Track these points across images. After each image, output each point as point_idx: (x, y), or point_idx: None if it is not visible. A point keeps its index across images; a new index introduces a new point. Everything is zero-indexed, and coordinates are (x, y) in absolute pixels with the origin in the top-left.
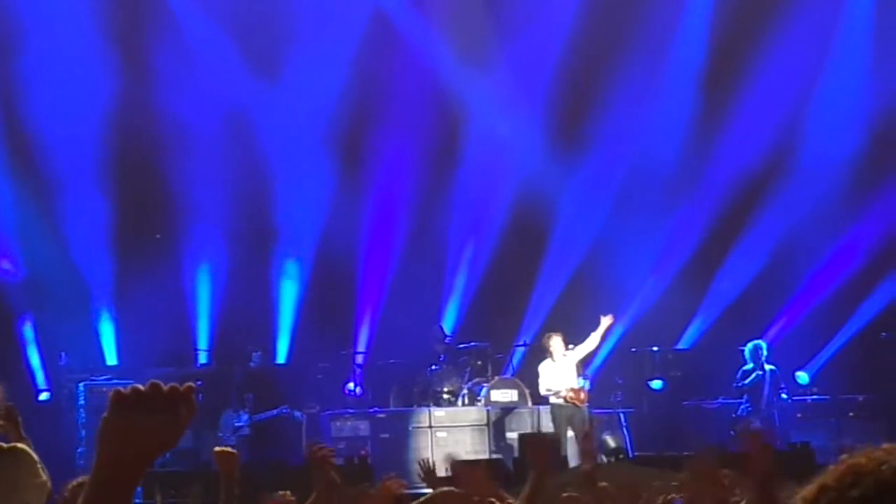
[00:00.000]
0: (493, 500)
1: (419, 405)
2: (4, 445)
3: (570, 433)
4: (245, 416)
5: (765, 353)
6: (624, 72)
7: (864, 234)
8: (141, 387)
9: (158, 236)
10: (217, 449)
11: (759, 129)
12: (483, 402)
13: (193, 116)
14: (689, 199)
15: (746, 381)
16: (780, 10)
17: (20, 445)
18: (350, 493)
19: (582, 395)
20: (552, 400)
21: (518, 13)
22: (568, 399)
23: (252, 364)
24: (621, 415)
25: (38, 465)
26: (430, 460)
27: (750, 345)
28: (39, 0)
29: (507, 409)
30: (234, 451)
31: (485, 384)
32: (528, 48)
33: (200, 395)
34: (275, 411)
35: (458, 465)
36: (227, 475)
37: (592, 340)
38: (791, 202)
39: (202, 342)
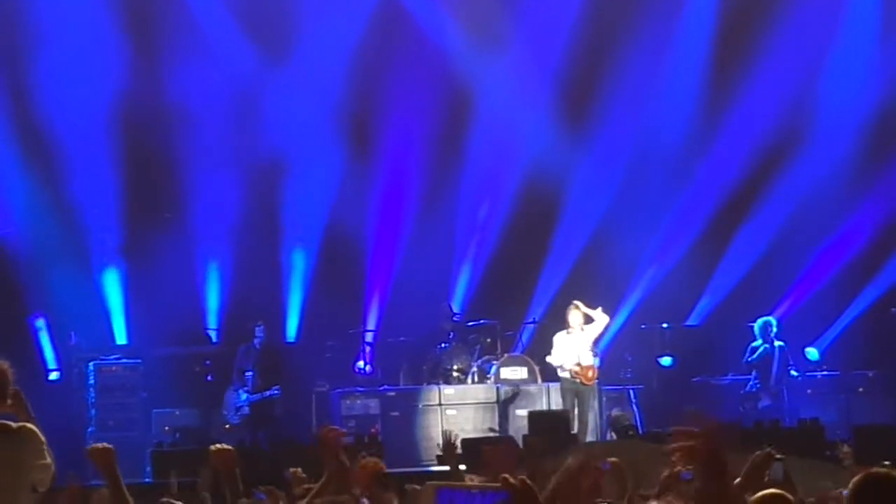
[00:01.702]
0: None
1: (429, 383)
2: (13, 425)
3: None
4: (245, 395)
5: (774, 329)
6: (633, 49)
7: (874, 209)
8: None
9: (168, 215)
10: (213, 448)
11: (768, 105)
12: (493, 379)
13: (202, 97)
14: (699, 175)
15: (754, 357)
16: None
17: (28, 426)
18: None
19: (589, 374)
20: (560, 374)
21: None
22: (573, 374)
23: (256, 341)
24: (631, 391)
25: (45, 447)
26: (455, 436)
27: (760, 321)
28: None
29: (517, 387)
30: (230, 447)
31: (494, 362)
32: (536, 27)
33: (210, 376)
34: (267, 392)
35: (472, 443)
36: (227, 473)
37: (600, 317)
38: (801, 178)
39: (212, 322)
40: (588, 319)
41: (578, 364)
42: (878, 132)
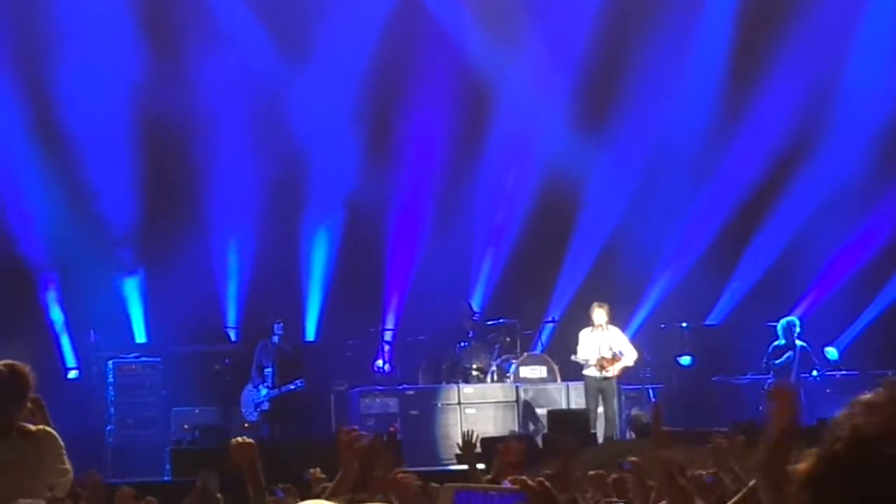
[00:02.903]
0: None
1: (448, 382)
2: (33, 427)
3: (601, 409)
4: (265, 391)
5: (797, 329)
6: (652, 48)
7: (894, 209)
8: None
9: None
10: (234, 442)
11: (787, 104)
12: (512, 378)
13: (222, 92)
14: (719, 174)
15: (778, 362)
16: None
17: (48, 429)
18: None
19: (613, 364)
20: (585, 372)
21: None
22: (597, 366)
23: (275, 337)
24: (650, 390)
25: (63, 452)
26: (475, 435)
27: (783, 321)
28: None
29: (536, 386)
30: (251, 441)
31: (514, 361)
32: (556, 26)
33: (229, 375)
34: (291, 385)
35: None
36: (249, 468)
37: (629, 352)
38: (820, 177)
39: (231, 320)
40: (611, 319)
41: (602, 357)
42: None
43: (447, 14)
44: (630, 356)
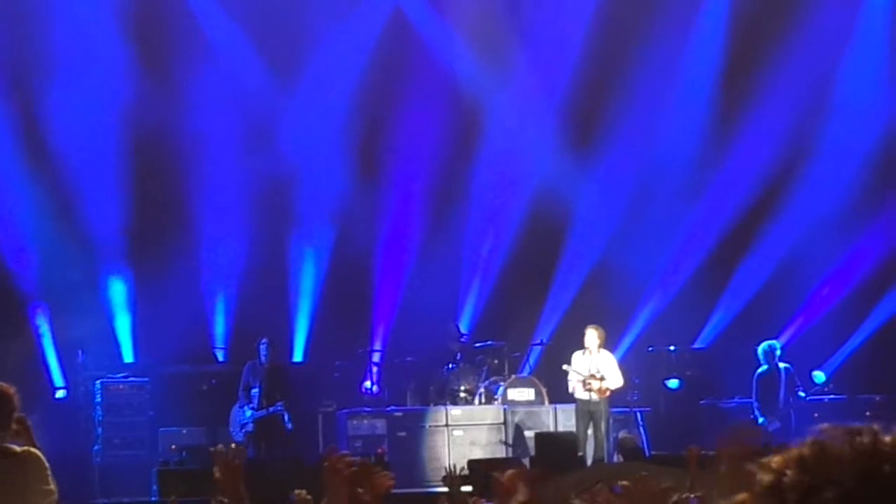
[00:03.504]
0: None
1: (436, 404)
2: (17, 449)
3: (591, 431)
4: (250, 412)
5: (778, 352)
6: (640, 74)
7: (882, 233)
8: None
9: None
10: (218, 451)
11: (775, 130)
12: (500, 400)
13: (212, 111)
14: (706, 198)
15: (755, 385)
16: (796, 13)
17: (33, 450)
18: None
19: (602, 384)
20: (576, 396)
21: (536, 15)
22: (585, 384)
23: (262, 358)
24: (638, 413)
25: (48, 473)
26: (456, 469)
27: (764, 345)
28: (60, 1)
29: (524, 408)
30: (238, 464)
31: (501, 383)
32: (545, 49)
33: (215, 397)
34: (271, 408)
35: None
36: (231, 489)
37: (616, 379)
38: (808, 201)
39: (219, 340)
40: (603, 343)
41: (592, 376)
42: (886, 157)
43: (436, 36)
44: (614, 381)
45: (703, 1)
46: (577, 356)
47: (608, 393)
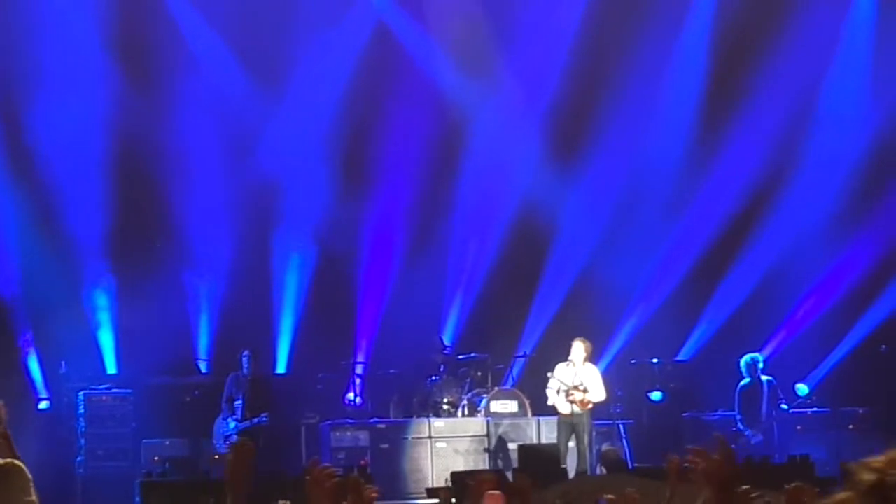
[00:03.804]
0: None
1: (419, 416)
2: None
3: (572, 444)
4: (233, 424)
5: (761, 365)
6: (625, 84)
7: (865, 246)
8: None
9: (158, 244)
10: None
11: (760, 141)
12: (483, 412)
13: (195, 123)
14: (690, 211)
15: (737, 399)
16: (779, 25)
17: (15, 462)
18: None
19: (584, 395)
20: (559, 409)
21: (520, 26)
22: (568, 394)
23: (244, 369)
24: (621, 426)
25: (31, 485)
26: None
27: (746, 357)
28: (43, 10)
29: (507, 420)
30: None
31: (484, 395)
32: (529, 61)
33: (198, 408)
34: (255, 419)
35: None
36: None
37: (598, 393)
38: (792, 214)
39: (202, 352)
40: (589, 357)
41: (575, 387)
42: (869, 170)
43: (420, 47)
44: (596, 395)
45: (688, 12)
46: (560, 367)
47: (590, 405)
